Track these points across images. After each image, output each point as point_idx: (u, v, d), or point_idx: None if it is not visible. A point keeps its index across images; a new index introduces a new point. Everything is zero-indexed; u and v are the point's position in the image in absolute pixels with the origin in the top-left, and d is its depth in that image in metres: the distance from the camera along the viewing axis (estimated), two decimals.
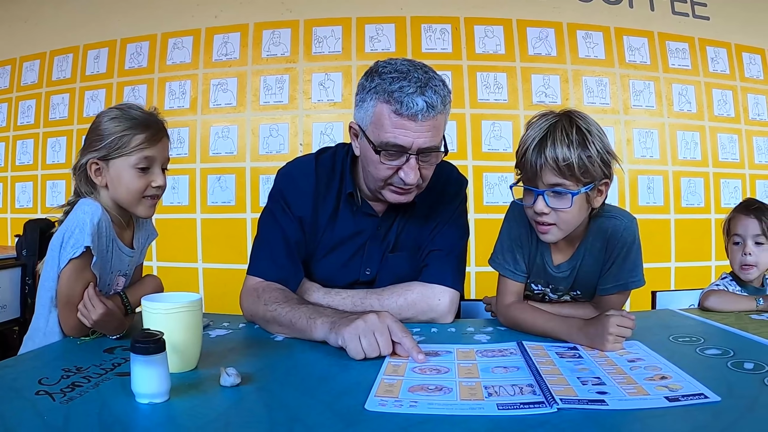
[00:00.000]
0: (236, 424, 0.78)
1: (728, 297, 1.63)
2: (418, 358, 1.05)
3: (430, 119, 1.25)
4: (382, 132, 1.26)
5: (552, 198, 1.25)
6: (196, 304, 1.01)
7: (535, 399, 0.85)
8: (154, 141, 1.29)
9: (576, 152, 1.21)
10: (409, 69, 1.27)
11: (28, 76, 3.44)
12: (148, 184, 1.29)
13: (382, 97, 1.25)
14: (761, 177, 3.34)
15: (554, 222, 1.28)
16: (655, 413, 0.81)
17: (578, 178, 1.23)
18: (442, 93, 1.27)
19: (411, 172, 1.28)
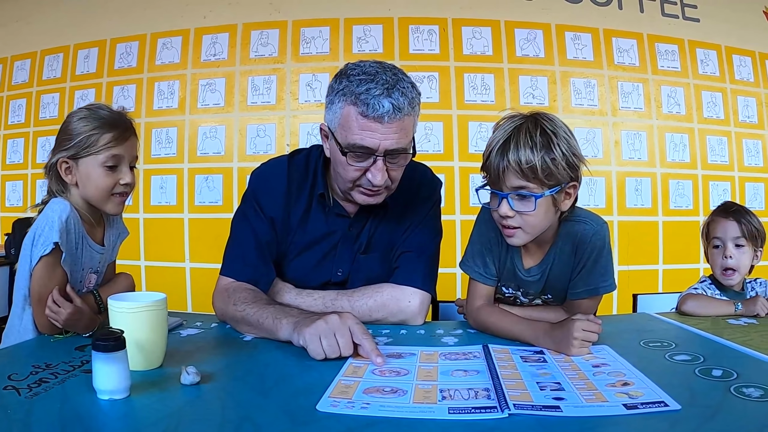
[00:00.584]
0: (188, 421, 0.81)
1: (706, 301, 1.65)
2: (377, 361, 1.06)
3: (397, 121, 1.28)
4: (349, 134, 1.30)
5: (516, 201, 1.27)
6: (161, 303, 1.06)
7: (487, 404, 0.86)
8: (122, 140, 1.35)
9: (539, 155, 1.22)
10: (377, 71, 1.30)
11: (19, 75, 3.53)
12: (117, 182, 1.36)
13: (350, 99, 1.28)
14: (751, 179, 3.40)
15: (519, 225, 1.30)
16: (610, 421, 0.81)
17: (542, 180, 1.24)
18: (410, 95, 1.30)
19: (378, 173, 1.32)
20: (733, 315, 1.57)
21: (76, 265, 1.35)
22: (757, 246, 1.76)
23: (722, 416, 0.81)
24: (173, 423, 0.80)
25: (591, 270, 1.37)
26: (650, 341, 1.25)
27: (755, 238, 1.74)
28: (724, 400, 0.87)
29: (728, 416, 0.81)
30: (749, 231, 1.73)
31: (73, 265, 1.34)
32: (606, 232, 1.39)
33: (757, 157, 3.42)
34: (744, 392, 0.89)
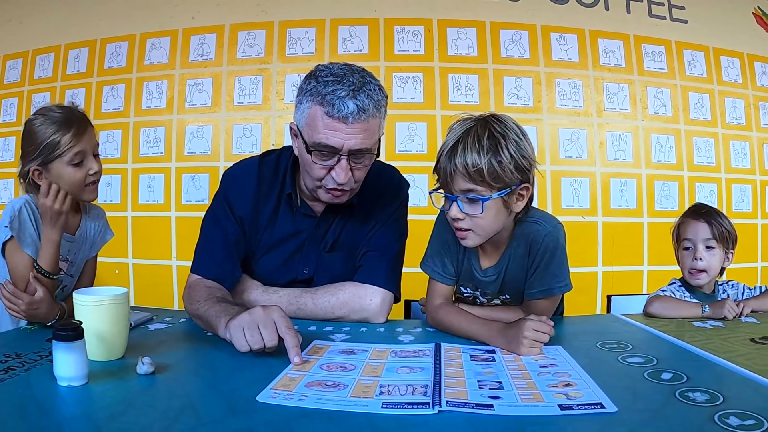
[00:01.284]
0: (135, 407, 0.90)
1: (672, 303, 1.67)
2: (294, 360, 1.10)
3: (361, 122, 1.36)
4: (315, 133, 1.37)
5: (466, 204, 1.32)
6: (122, 297, 1.17)
7: (421, 400, 0.91)
8: (81, 135, 1.50)
9: (486, 158, 1.26)
10: (345, 73, 1.38)
11: (11, 75, 3.66)
12: (86, 174, 1.52)
13: (316, 99, 1.36)
14: (738, 181, 3.46)
15: (470, 227, 1.35)
16: (541, 421, 0.84)
17: (490, 183, 1.28)
18: (376, 97, 1.38)
19: (342, 172, 1.39)
20: (699, 317, 1.59)
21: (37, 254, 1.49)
22: (728, 248, 1.79)
23: (659, 420, 0.84)
24: (121, 409, 0.90)
25: (545, 270, 1.41)
26: (607, 343, 1.29)
27: (726, 240, 1.77)
28: (665, 404, 0.89)
29: (665, 421, 0.83)
30: (720, 233, 1.76)
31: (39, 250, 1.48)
32: (559, 232, 1.43)
33: (745, 159, 3.49)
34: (689, 396, 0.91)
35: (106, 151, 3.43)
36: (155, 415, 0.87)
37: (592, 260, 3.31)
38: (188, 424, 0.83)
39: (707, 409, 0.86)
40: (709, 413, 0.84)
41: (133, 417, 0.86)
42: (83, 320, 1.09)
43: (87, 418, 0.87)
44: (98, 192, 1.61)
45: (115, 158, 3.42)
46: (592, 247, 3.32)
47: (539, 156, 3.20)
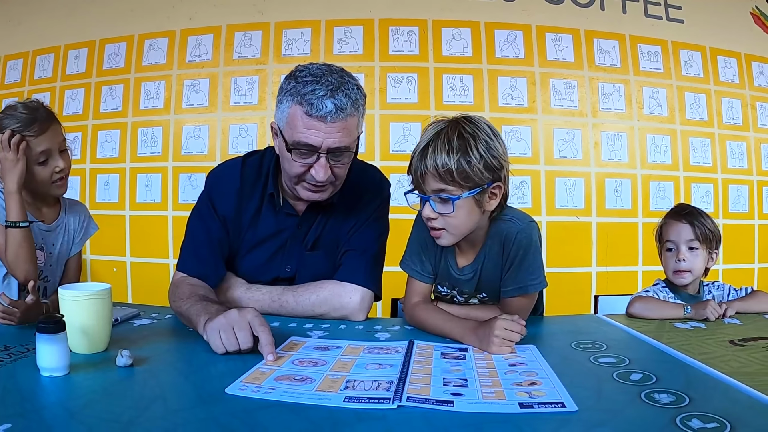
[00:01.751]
0: (109, 397, 0.96)
1: (654, 304, 1.68)
2: (267, 357, 1.15)
3: (340, 121, 1.41)
4: (295, 132, 1.43)
5: (438, 203, 1.36)
6: (104, 293, 1.23)
7: (383, 395, 0.94)
8: (44, 134, 1.59)
9: (455, 158, 1.30)
10: (323, 73, 1.43)
11: (11, 75, 3.76)
12: (53, 171, 1.60)
13: (296, 99, 1.41)
14: (734, 182, 3.50)
15: (443, 227, 1.39)
16: (498, 418, 0.86)
17: (460, 183, 1.32)
18: (354, 97, 1.43)
19: (321, 170, 1.45)
20: (681, 318, 1.59)
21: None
22: (712, 248, 1.80)
23: (618, 421, 0.85)
24: (96, 398, 0.96)
25: (519, 268, 1.43)
26: (582, 343, 1.31)
27: (709, 241, 1.78)
28: (628, 405, 0.91)
29: (624, 421, 0.85)
30: (703, 233, 1.77)
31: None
32: (532, 230, 1.45)
33: (741, 159, 3.53)
34: (654, 398, 0.92)
35: (105, 151, 3.53)
36: (128, 404, 0.93)
37: (586, 261, 3.37)
38: (157, 412, 0.89)
39: (671, 411, 0.87)
40: (672, 415, 0.85)
41: (107, 405, 0.93)
42: (67, 314, 1.16)
43: (63, 406, 0.93)
44: (68, 186, 1.70)
45: (114, 158, 3.52)
46: (587, 248, 3.38)
47: (533, 156, 3.33)
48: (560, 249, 3.37)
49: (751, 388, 0.97)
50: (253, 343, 1.20)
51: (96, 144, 3.54)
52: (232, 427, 0.83)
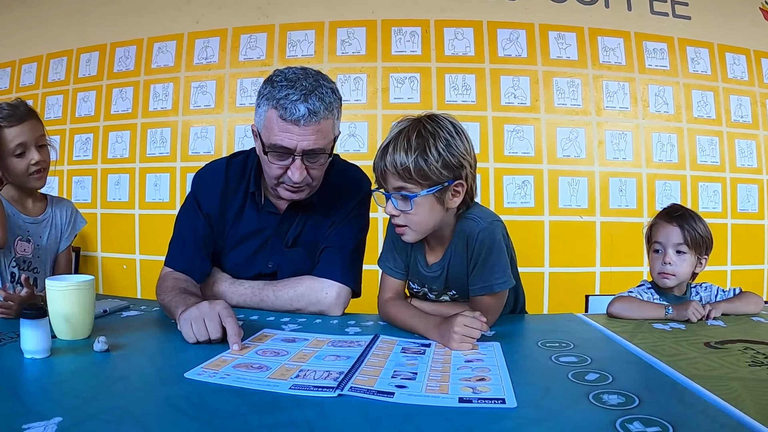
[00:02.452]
0: (80, 377, 1.07)
1: (634, 304, 1.67)
2: (233, 347, 1.23)
3: (313, 124, 1.48)
4: (271, 135, 1.51)
5: (399, 201, 1.40)
6: (87, 284, 1.34)
7: (327, 384, 0.99)
8: (20, 128, 1.71)
9: (413, 157, 1.34)
10: (299, 77, 1.51)
11: (26, 78, 3.94)
12: (29, 164, 1.73)
13: (272, 103, 1.49)
14: (743, 181, 3.50)
15: (406, 224, 1.43)
16: (433, 411, 0.89)
17: (418, 181, 1.36)
18: (327, 100, 1.50)
19: (297, 171, 1.53)
20: (662, 319, 1.58)
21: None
22: (701, 253, 1.77)
23: (554, 420, 0.86)
24: (67, 377, 1.07)
25: (483, 267, 1.46)
26: (550, 342, 1.33)
27: (698, 246, 1.76)
28: (572, 405, 0.91)
29: (560, 421, 0.86)
30: (692, 238, 1.75)
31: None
32: (496, 229, 1.46)
33: (751, 158, 3.52)
34: (602, 398, 0.93)
35: (116, 151, 3.69)
36: (94, 383, 1.04)
37: (590, 260, 3.39)
38: (118, 391, 0.99)
39: (614, 413, 0.87)
40: (614, 417, 0.85)
41: (75, 384, 1.04)
42: (52, 303, 1.29)
43: (37, 383, 1.04)
44: (45, 180, 1.82)
45: (124, 158, 3.67)
46: (590, 248, 3.40)
47: (536, 155, 3.39)
48: (563, 249, 3.41)
49: (709, 392, 0.96)
50: (222, 333, 1.28)
51: (107, 145, 3.70)
52: (180, 406, 0.91)
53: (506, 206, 3.41)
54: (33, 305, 1.21)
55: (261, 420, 0.86)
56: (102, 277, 3.71)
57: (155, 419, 0.86)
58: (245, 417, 0.87)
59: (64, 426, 0.81)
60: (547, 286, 3.41)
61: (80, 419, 0.84)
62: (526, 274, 3.42)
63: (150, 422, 0.84)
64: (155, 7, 3.73)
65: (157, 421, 0.85)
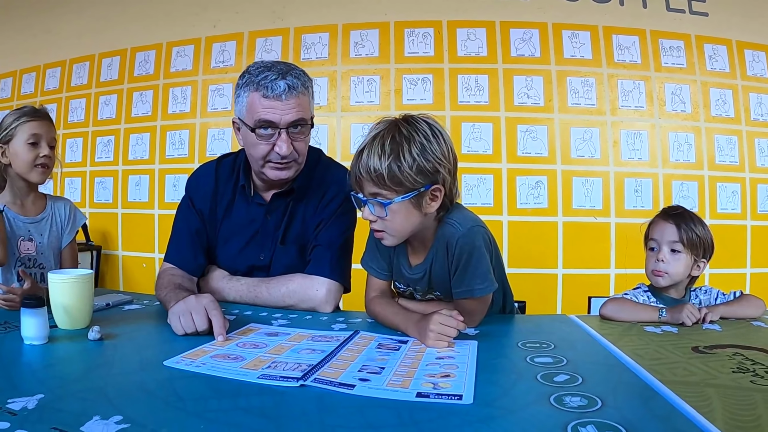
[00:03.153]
0: (69, 361, 1.14)
1: (627, 306, 1.63)
2: (218, 338, 1.28)
3: (294, 98, 1.58)
4: (255, 114, 1.59)
5: (375, 206, 1.39)
6: (86, 277, 1.40)
7: (292, 374, 1.02)
8: (38, 122, 1.86)
9: (386, 163, 1.32)
10: (273, 64, 1.62)
11: (50, 83, 4.09)
12: (37, 155, 1.85)
13: (252, 87, 1.59)
14: (763, 181, 3.43)
15: (383, 229, 1.42)
16: (387, 404, 0.91)
17: (392, 188, 1.34)
18: (302, 79, 1.61)
19: (284, 144, 1.60)
20: (655, 322, 1.54)
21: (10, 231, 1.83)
22: (698, 255, 1.72)
23: (505, 419, 0.86)
24: (57, 361, 1.14)
25: (464, 273, 1.44)
26: (530, 342, 1.31)
27: (695, 247, 1.71)
28: (530, 405, 0.91)
29: (511, 421, 0.85)
30: (688, 238, 1.70)
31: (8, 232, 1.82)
32: (475, 235, 1.43)
33: None
34: (563, 400, 0.92)
35: (136, 153, 3.81)
36: (78, 366, 1.12)
37: (604, 262, 3.37)
38: (98, 374, 1.05)
39: (571, 415, 0.86)
40: (567, 419, 0.84)
41: (63, 367, 1.11)
42: (53, 295, 1.37)
43: (29, 365, 1.12)
44: (47, 178, 1.93)
45: (144, 159, 3.79)
46: (605, 249, 3.38)
47: (550, 155, 3.38)
48: (577, 250, 3.39)
49: (680, 398, 0.94)
50: (209, 325, 1.33)
51: (128, 146, 3.82)
52: (152, 389, 0.96)
53: (519, 207, 3.42)
54: (32, 296, 1.29)
55: (220, 404, 0.91)
56: (123, 275, 3.83)
57: (125, 399, 0.91)
58: (207, 401, 0.92)
59: (43, 402, 0.88)
60: (560, 288, 3.39)
61: (59, 396, 0.91)
62: (539, 276, 3.48)
63: (120, 402, 0.90)
64: (174, 12, 3.85)
65: (126, 401, 0.90)
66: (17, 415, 0.83)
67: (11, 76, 4.37)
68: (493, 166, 3.45)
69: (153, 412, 0.88)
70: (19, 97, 4.28)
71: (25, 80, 4.28)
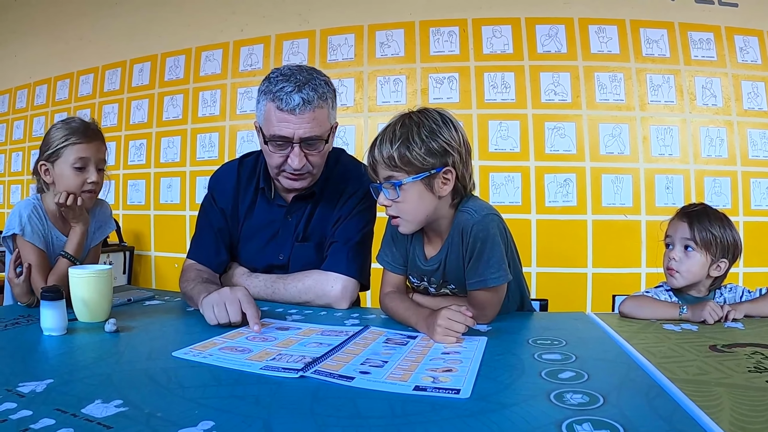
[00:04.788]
0: (83, 351, 1.19)
1: (647, 302, 1.59)
2: (254, 328, 1.33)
3: (308, 112, 1.56)
4: (270, 126, 1.60)
5: (389, 190, 1.43)
6: (104, 273, 1.45)
7: (295, 366, 1.03)
8: (87, 144, 1.71)
9: (396, 145, 1.38)
10: (293, 72, 1.60)
11: (84, 89, 4.20)
12: (84, 181, 1.72)
13: (269, 97, 1.59)
14: None
15: (398, 214, 1.45)
16: (382, 395, 0.91)
17: (403, 169, 1.39)
18: (321, 90, 1.58)
19: (296, 158, 1.60)
20: (674, 320, 1.50)
21: (48, 249, 1.74)
22: (716, 256, 1.65)
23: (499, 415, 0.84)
24: (72, 350, 1.19)
25: (478, 261, 1.44)
26: (542, 339, 1.30)
27: (710, 246, 1.64)
28: (527, 401, 0.89)
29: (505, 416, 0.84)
30: (702, 237, 1.64)
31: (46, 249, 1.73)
32: (490, 222, 1.44)
33: None
34: (564, 397, 0.90)
35: (167, 156, 3.89)
36: (91, 355, 1.16)
37: (635, 261, 3.30)
38: (108, 362, 1.09)
39: (568, 412, 0.84)
40: (563, 416, 0.82)
41: (76, 355, 1.15)
42: (73, 289, 1.41)
43: (45, 354, 1.17)
44: (92, 204, 1.80)
45: (175, 162, 3.86)
46: (635, 247, 3.31)
47: (578, 153, 3.35)
48: (607, 249, 3.33)
49: (688, 397, 0.91)
50: (242, 317, 1.37)
51: (159, 149, 3.90)
52: (156, 377, 0.99)
53: (548, 205, 3.38)
54: (51, 288, 1.33)
55: (218, 391, 0.92)
56: (155, 275, 3.91)
57: (128, 385, 0.95)
58: (205, 388, 0.94)
59: (52, 386, 0.92)
60: (590, 288, 3.34)
61: (67, 381, 0.95)
62: (568, 275, 3.43)
63: (123, 387, 0.93)
64: (202, 18, 3.92)
65: (129, 387, 0.93)
66: (24, 397, 0.87)
67: (46, 83, 4.52)
68: (520, 164, 3.42)
69: (153, 397, 0.90)
70: (54, 103, 4.43)
71: (60, 87, 4.41)
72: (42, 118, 4.58)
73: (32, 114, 4.70)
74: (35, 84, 4.67)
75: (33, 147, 4.70)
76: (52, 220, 1.78)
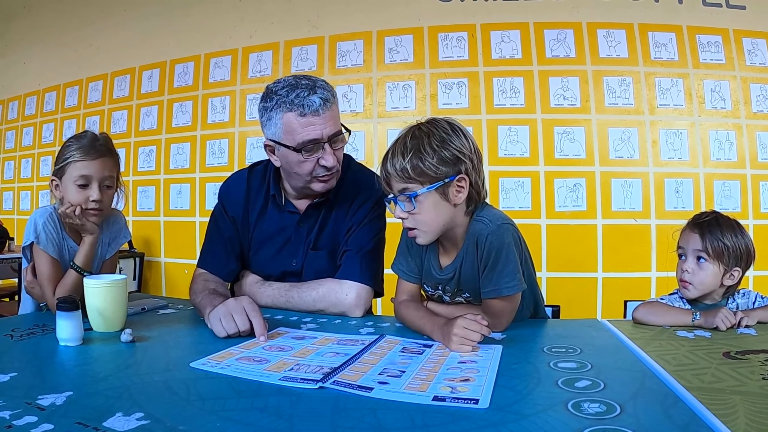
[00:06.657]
0: (100, 361, 1.18)
1: (660, 309, 1.59)
2: (260, 339, 1.33)
3: (329, 110, 1.59)
4: (296, 135, 1.59)
5: (405, 202, 1.43)
6: (119, 283, 1.44)
7: (312, 377, 1.03)
8: (90, 162, 1.68)
9: (408, 157, 1.38)
10: (296, 80, 1.62)
11: (93, 95, 4.22)
12: (87, 198, 1.68)
13: (286, 108, 1.58)
14: None
15: (414, 225, 1.45)
16: (401, 406, 0.91)
17: (417, 180, 1.39)
18: (329, 89, 1.62)
19: (330, 157, 1.61)
20: (688, 326, 1.50)
21: (62, 259, 1.73)
22: (729, 265, 1.63)
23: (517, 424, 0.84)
24: (89, 361, 1.18)
25: (492, 270, 1.44)
26: (557, 347, 1.29)
27: (722, 255, 1.63)
28: (545, 411, 0.89)
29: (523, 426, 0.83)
30: (714, 248, 1.63)
31: (60, 259, 1.72)
32: (505, 232, 1.44)
33: None
34: (581, 407, 0.90)
35: (177, 162, 3.90)
36: (108, 366, 1.15)
37: (645, 265, 3.29)
38: (126, 373, 1.08)
39: (585, 421, 0.84)
40: (581, 426, 0.82)
41: (94, 366, 1.14)
42: (88, 299, 1.41)
43: (62, 364, 1.17)
44: (100, 221, 1.75)
45: (185, 168, 3.87)
46: (645, 252, 3.30)
47: (588, 157, 3.34)
48: (617, 253, 3.32)
49: (704, 405, 0.90)
50: (250, 325, 1.37)
51: (169, 156, 3.91)
52: (175, 388, 0.99)
53: (558, 210, 3.37)
54: (67, 299, 1.33)
55: (238, 403, 0.92)
56: (165, 281, 3.92)
57: (148, 398, 0.94)
58: (226, 400, 0.93)
59: (72, 399, 0.92)
60: (600, 292, 3.33)
61: (87, 394, 0.95)
62: (578, 280, 3.43)
63: (143, 400, 0.92)
64: (211, 24, 3.93)
65: (149, 399, 0.93)
66: (45, 410, 0.86)
67: (55, 90, 4.55)
68: (530, 169, 3.42)
69: (173, 409, 0.90)
70: (63, 110, 4.46)
71: (69, 94, 4.44)
72: (51, 125, 4.62)
73: (41, 121, 4.73)
74: (44, 91, 4.70)
75: (42, 154, 4.74)
76: (67, 229, 1.76)
